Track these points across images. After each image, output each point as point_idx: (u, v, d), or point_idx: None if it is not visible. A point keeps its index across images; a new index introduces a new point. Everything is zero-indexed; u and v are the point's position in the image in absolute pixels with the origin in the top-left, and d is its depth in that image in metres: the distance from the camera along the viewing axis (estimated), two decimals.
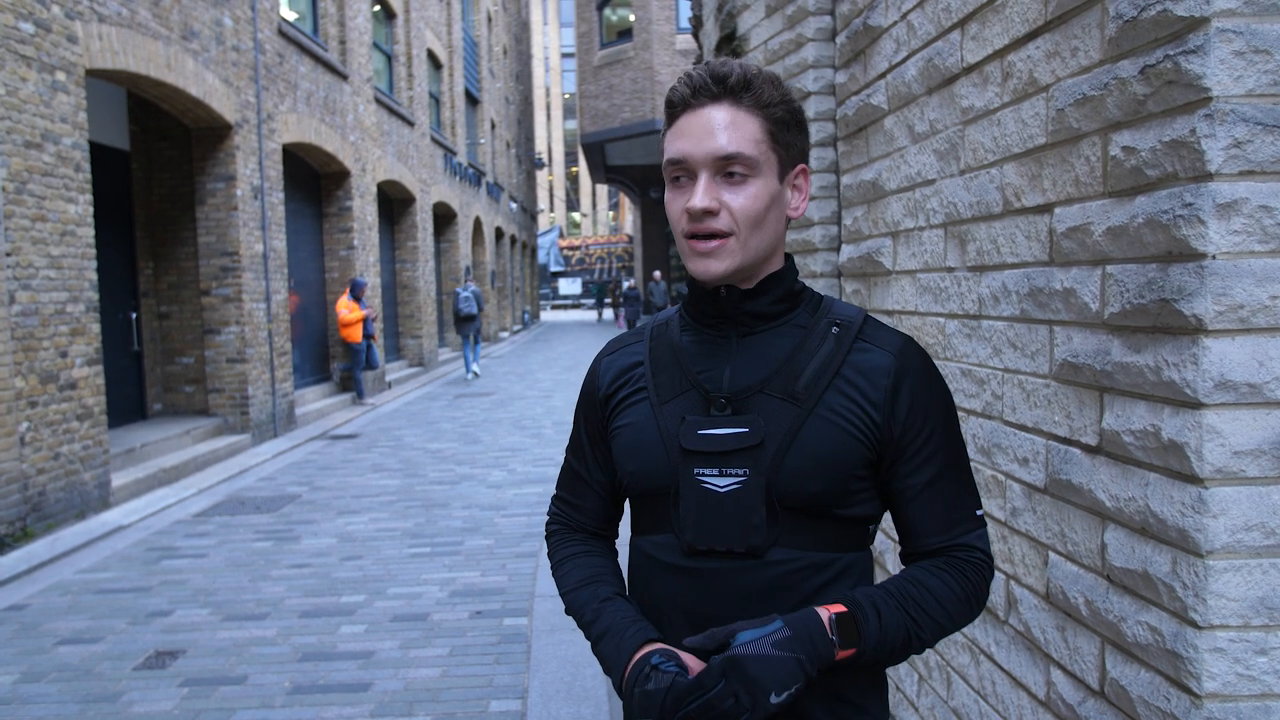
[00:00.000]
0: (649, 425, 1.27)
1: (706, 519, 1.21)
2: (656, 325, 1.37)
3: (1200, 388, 1.27)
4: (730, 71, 1.20)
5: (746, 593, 1.20)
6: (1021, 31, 1.69)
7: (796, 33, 3.59)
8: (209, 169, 9.86)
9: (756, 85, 1.20)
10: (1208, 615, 1.29)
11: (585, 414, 1.41)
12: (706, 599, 1.21)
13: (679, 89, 1.22)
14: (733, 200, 1.19)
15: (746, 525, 1.20)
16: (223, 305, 9.90)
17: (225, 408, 9.97)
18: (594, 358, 1.44)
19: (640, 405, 1.30)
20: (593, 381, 1.40)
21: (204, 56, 9.20)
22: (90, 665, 4.25)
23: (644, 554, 1.30)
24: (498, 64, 30.46)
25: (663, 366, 1.30)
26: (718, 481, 1.21)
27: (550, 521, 1.49)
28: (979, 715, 1.98)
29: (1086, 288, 1.52)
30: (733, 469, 1.20)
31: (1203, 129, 1.26)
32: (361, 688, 3.94)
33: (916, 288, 2.22)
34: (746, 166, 1.19)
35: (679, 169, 1.21)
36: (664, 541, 1.26)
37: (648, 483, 1.26)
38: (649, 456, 1.26)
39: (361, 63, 14.54)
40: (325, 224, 13.97)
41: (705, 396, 1.24)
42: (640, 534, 1.32)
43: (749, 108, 1.20)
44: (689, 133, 1.20)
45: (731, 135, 1.18)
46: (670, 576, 1.25)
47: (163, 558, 6.07)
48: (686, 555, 1.23)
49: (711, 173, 1.19)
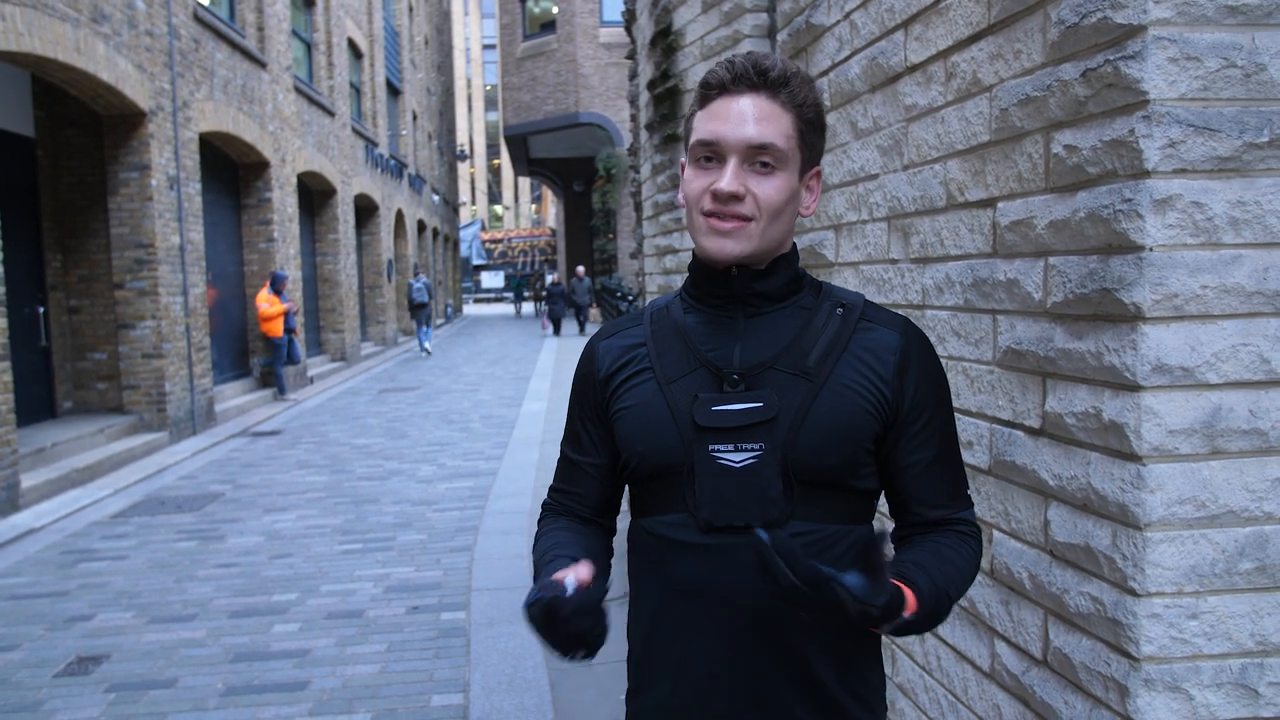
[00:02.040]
0: (657, 404, 1.27)
1: (723, 495, 1.22)
2: (656, 309, 1.37)
3: (1139, 371, 1.36)
4: (773, 65, 1.22)
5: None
6: (965, 34, 1.77)
7: (733, 29, 3.65)
8: (121, 158, 9.49)
9: (794, 83, 1.23)
10: (1146, 584, 1.38)
11: (582, 398, 1.40)
12: (725, 575, 1.23)
13: (718, 73, 1.23)
14: (758, 188, 1.21)
15: (764, 499, 1.22)
16: (137, 299, 9.56)
17: (141, 405, 9.63)
18: (588, 342, 1.43)
19: (645, 385, 1.30)
20: (590, 364, 1.39)
21: (115, 40, 8.85)
22: (6, 674, 4.09)
23: (654, 534, 1.29)
24: (419, 54, 29.98)
25: (667, 347, 1.31)
26: (733, 457, 1.22)
27: (544, 506, 1.48)
28: (924, 689, 2.06)
29: (1030, 278, 1.60)
30: (748, 444, 1.22)
31: (1140, 129, 1.34)
32: (298, 686, 3.88)
33: (860, 279, 2.30)
34: (775, 159, 1.21)
35: (708, 150, 1.22)
36: (678, 520, 1.26)
37: (659, 462, 1.26)
38: (660, 435, 1.26)
39: (280, 50, 14.17)
40: (244, 215, 13.59)
41: (716, 374, 1.25)
42: (648, 515, 1.31)
43: (784, 103, 1.22)
44: (724, 116, 1.21)
45: (767, 126, 1.21)
46: (686, 555, 1.25)
47: (80, 560, 5.86)
48: (703, 532, 1.24)
49: (740, 159, 1.21)
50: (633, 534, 1.36)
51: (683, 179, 1.29)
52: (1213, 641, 1.39)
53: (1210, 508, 1.37)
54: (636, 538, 1.35)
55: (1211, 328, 1.35)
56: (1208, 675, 1.39)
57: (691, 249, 1.52)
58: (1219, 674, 1.40)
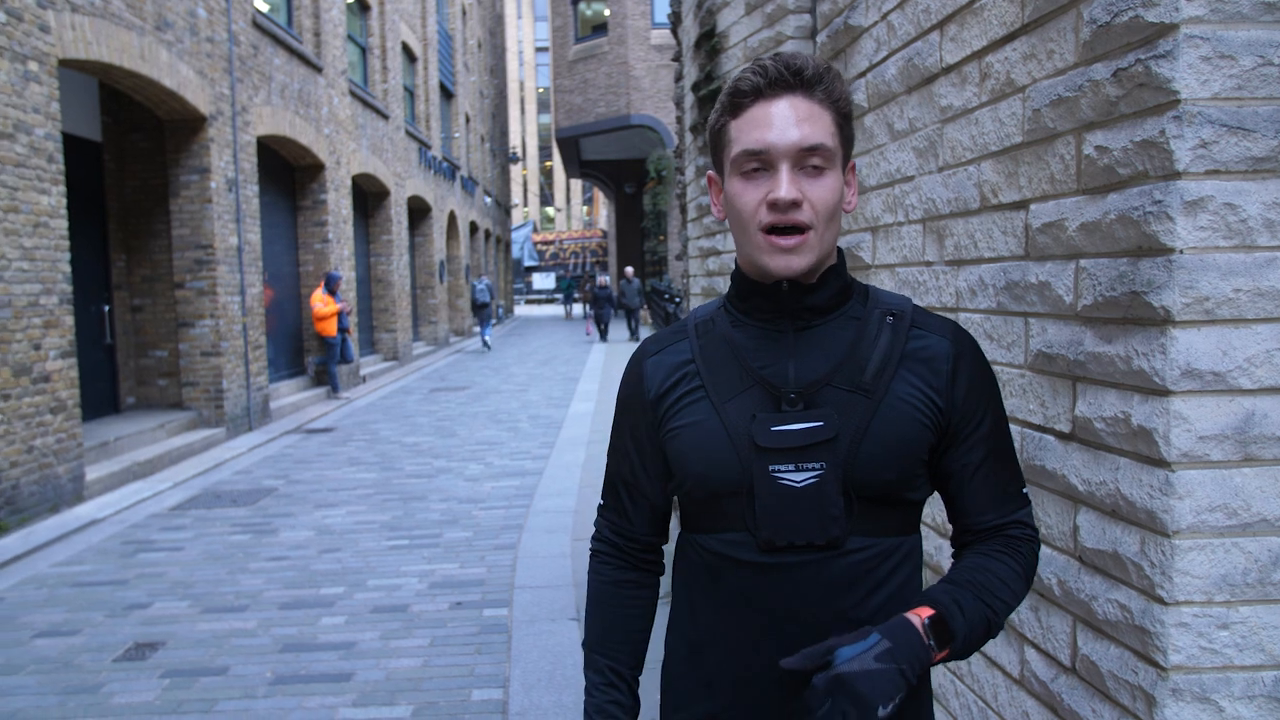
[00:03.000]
0: (713, 425, 1.24)
1: (785, 515, 1.20)
2: (700, 321, 1.34)
3: (1168, 376, 1.34)
4: (805, 64, 1.19)
5: (826, 584, 1.21)
6: (999, 34, 1.76)
7: (776, 30, 3.65)
8: (183, 161, 9.77)
9: (828, 79, 1.20)
10: (1174, 592, 1.36)
11: (632, 417, 1.36)
12: (785, 593, 1.21)
13: (751, 79, 1.20)
14: (812, 192, 1.18)
15: (825, 518, 1.20)
16: (197, 298, 9.83)
17: (200, 401, 9.90)
18: (632, 358, 1.39)
19: (699, 404, 1.27)
20: (638, 383, 1.35)
21: (178, 48, 9.12)
22: (69, 657, 4.24)
23: (712, 552, 1.27)
24: (472, 57, 30.33)
25: (717, 364, 1.28)
26: (794, 477, 1.20)
27: (596, 538, 1.45)
28: (955, 695, 2.05)
29: (1061, 281, 1.58)
30: (809, 464, 1.20)
31: (1171, 130, 1.32)
32: (343, 677, 3.96)
33: (896, 281, 2.29)
34: (825, 158, 1.19)
35: (756, 159, 1.19)
36: (737, 539, 1.24)
37: (717, 483, 1.24)
38: (718, 456, 1.23)
39: (336, 55, 14.45)
40: (300, 217, 13.88)
41: (772, 393, 1.23)
42: (704, 531, 1.29)
43: (822, 100, 1.20)
44: (767, 122, 1.18)
45: (812, 127, 1.18)
46: (746, 573, 1.23)
47: (139, 551, 6.04)
48: (763, 551, 1.22)
49: (792, 164, 1.18)
50: (684, 547, 1.34)
51: (726, 193, 1.25)
52: (1244, 653, 1.37)
53: (1242, 516, 1.35)
54: (689, 551, 1.32)
55: (1245, 332, 1.32)
56: (1239, 687, 1.37)
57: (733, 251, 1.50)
58: (1251, 686, 1.37)
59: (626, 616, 1.40)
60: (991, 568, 1.23)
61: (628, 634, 1.40)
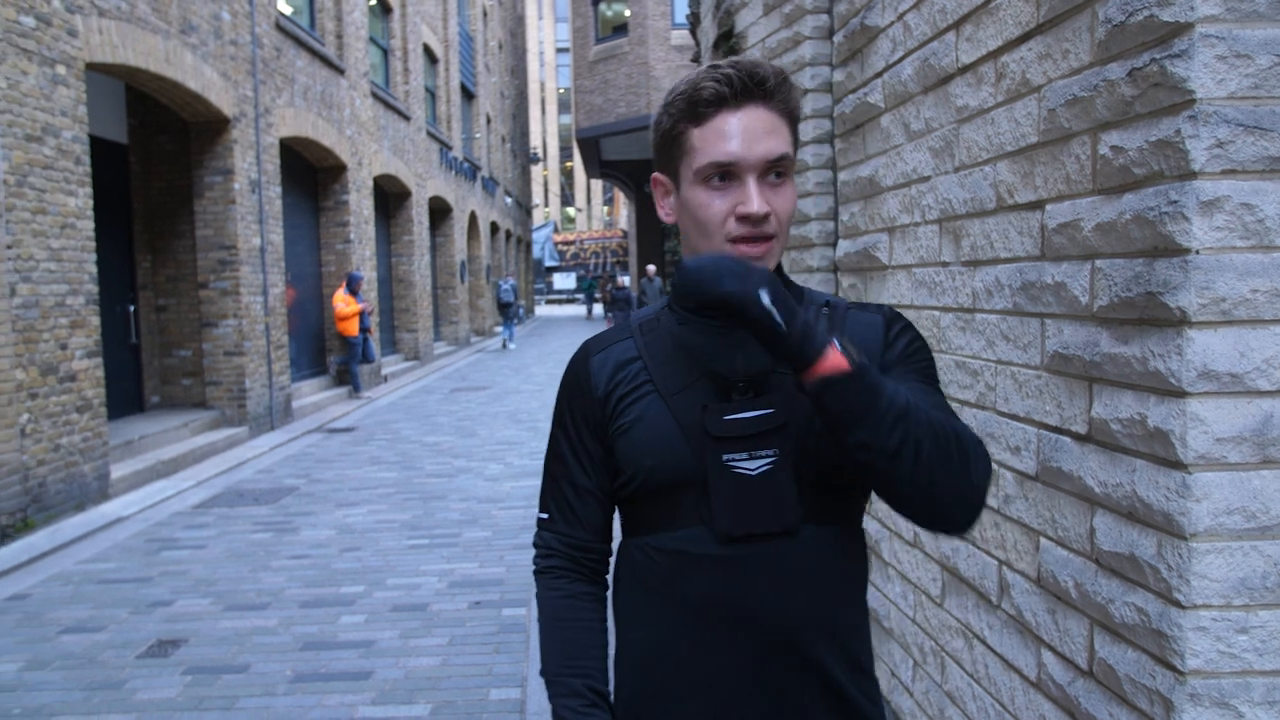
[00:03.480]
0: (662, 417, 1.25)
1: (741, 504, 1.21)
2: (644, 321, 1.34)
3: (1184, 377, 1.33)
4: (767, 73, 1.20)
5: (784, 574, 1.22)
6: (1015, 34, 1.75)
7: (794, 31, 3.64)
8: (207, 163, 9.88)
9: (786, 88, 1.21)
10: (1191, 595, 1.34)
11: (577, 417, 1.35)
12: (745, 585, 1.22)
13: (713, 87, 1.19)
14: (776, 202, 1.20)
15: (781, 504, 1.21)
16: (220, 298, 9.93)
17: (223, 400, 10.00)
18: (574, 358, 1.38)
19: (647, 399, 1.27)
20: (585, 382, 1.34)
21: (202, 50, 9.21)
22: (93, 654, 4.30)
23: (664, 551, 1.26)
24: (493, 58, 30.44)
25: (663, 360, 1.28)
26: (748, 465, 1.21)
27: (544, 554, 1.39)
28: (973, 698, 2.04)
29: (1076, 281, 1.57)
30: (762, 451, 1.21)
31: (1187, 130, 1.31)
32: (362, 676, 3.99)
33: (912, 282, 2.28)
34: (786, 169, 1.20)
35: (722, 170, 1.20)
36: (692, 535, 1.23)
37: (669, 476, 1.24)
38: (669, 449, 1.23)
39: (358, 57, 14.55)
40: (322, 218, 13.99)
41: (721, 383, 1.24)
42: (656, 532, 1.28)
43: (780, 110, 1.21)
44: (733, 133, 1.18)
45: (778, 139, 1.19)
46: (703, 569, 1.23)
47: (163, 549, 6.11)
48: (722, 543, 1.22)
49: (758, 175, 1.19)
50: (630, 555, 1.32)
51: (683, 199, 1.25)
52: (1264, 658, 1.35)
53: (1261, 519, 1.33)
54: (638, 557, 1.30)
55: (1262, 333, 1.31)
56: (1259, 692, 1.35)
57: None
58: (1271, 691, 1.35)
59: (591, 631, 1.36)
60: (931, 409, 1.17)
61: (597, 650, 1.36)
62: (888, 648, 2.50)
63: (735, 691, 1.24)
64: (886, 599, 2.48)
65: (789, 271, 3.79)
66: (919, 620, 2.28)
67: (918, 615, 2.28)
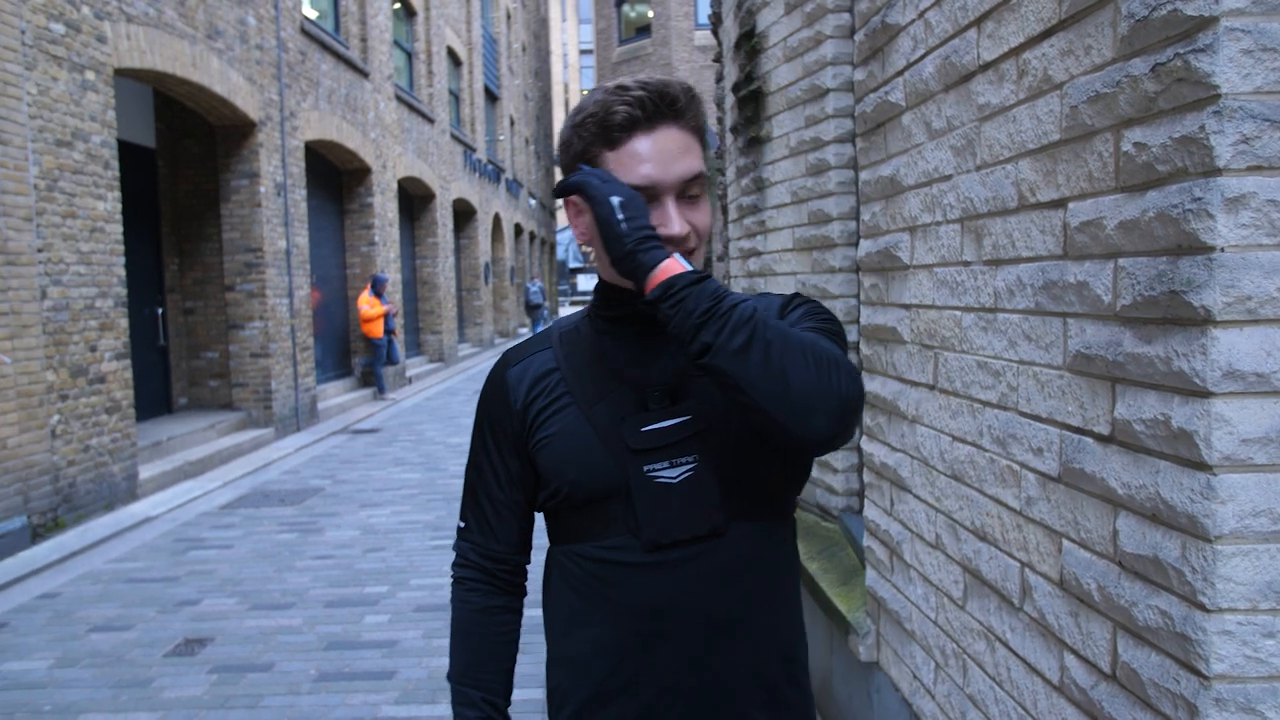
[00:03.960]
0: (582, 430, 1.25)
1: (665, 512, 1.21)
2: (564, 331, 1.34)
3: (1209, 377, 1.30)
4: (676, 94, 1.20)
5: (715, 573, 1.23)
6: (1036, 30, 1.73)
7: (815, 30, 3.63)
8: (233, 166, 9.99)
9: (695, 104, 1.22)
10: (1216, 599, 1.32)
11: (497, 430, 1.34)
12: (675, 587, 1.22)
13: (625, 110, 1.18)
14: (694, 218, 1.21)
15: (705, 508, 1.22)
16: (246, 301, 10.04)
17: (249, 402, 10.10)
18: (493, 370, 1.38)
19: (566, 412, 1.27)
20: (503, 394, 1.33)
21: (228, 55, 9.32)
22: (122, 652, 4.36)
23: (595, 560, 1.26)
24: (517, 61, 30.56)
25: (582, 369, 1.28)
26: (669, 474, 1.21)
27: (460, 563, 1.40)
28: (995, 701, 2.02)
29: (1099, 280, 1.55)
30: (682, 458, 1.21)
31: (1211, 125, 1.29)
32: (386, 675, 4.02)
33: (934, 282, 2.26)
34: (701, 185, 1.21)
35: (641, 194, 1.18)
36: (621, 543, 1.24)
37: (592, 488, 1.24)
38: (590, 461, 1.24)
39: (382, 60, 14.65)
40: (347, 220, 14.10)
41: (638, 392, 1.24)
42: (583, 541, 1.27)
43: (691, 127, 1.22)
44: (648, 156, 1.19)
45: (692, 158, 1.20)
46: (634, 576, 1.23)
47: (190, 548, 6.19)
48: (649, 551, 1.22)
49: (675, 195, 1.20)
50: (559, 563, 1.32)
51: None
52: None
53: None
54: (567, 565, 1.30)
55: None
56: None
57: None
58: None
59: (497, 644, 1.38)
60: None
61: (500, 664, 1.38)
62: (909, 650, 2.48)
63: (671, 690, 1.24)
64: (908, 601, 2.46)
65: (811, 272, 3.77)
66: (940, 622, 2.26)
67: (939, 617, 2.26)
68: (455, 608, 1.40)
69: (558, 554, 1.33)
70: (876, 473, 2.66)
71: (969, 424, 2.04)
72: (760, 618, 1.27)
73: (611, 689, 1.27)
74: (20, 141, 6.20)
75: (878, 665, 2.76)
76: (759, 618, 1.27)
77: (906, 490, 2.43)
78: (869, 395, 2.70)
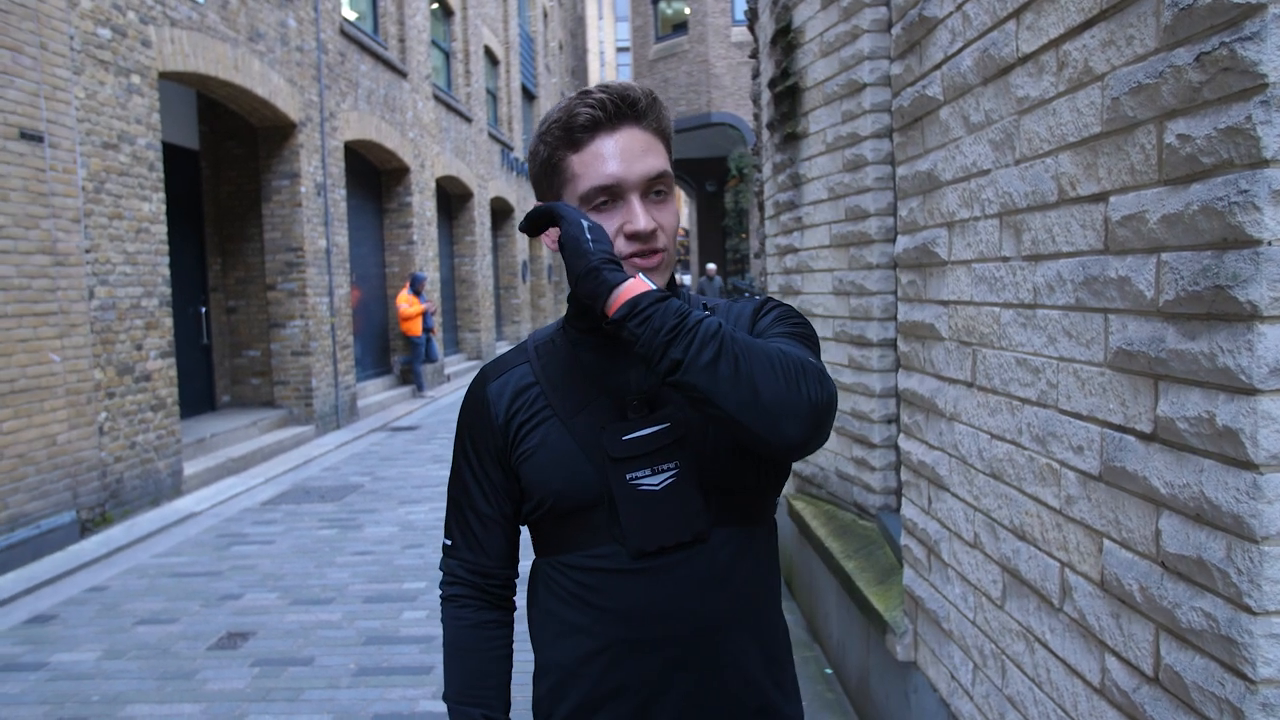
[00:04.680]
0: (564, 441, 1.26)
1: (649, 520, 1.22)
2: (540, 343, 1.36)
3: (1255, 374, 1.27)
4: (637, 95, 1.23)
5: (700, 578, 1.25)
6: (1077, 20, 1.70)
7: (852, 24, 3.60)
8: (274, 167, 10.13)
9: (657, 107, 1.24)
10: (1262, 601, 1.29)
11: (479, 446, 1.35)
12: (661, 593, 1.24)
13: (587, 112, 1.21)
14: (661, 217, 1.23)
15: (688, 515, 1.23)
16: (288, 300, 10.18)
17: (290, 400, 10.25)
18: (472, 386, 1.39)
19: (547, 424, 1.28)
20: (484, 410, 1.34)
21: (269, 57, 9.45)
22: (167, 644, 4.44)
23: (582, 569, 1.27)
24: (554, 59, 30.66)
25: (560, 381, 1.30)
26: (651, 481, 1.22)
27: (449, 581, 1.41)
28: (1034, 703, 1.99)
29: (1141, 275, 1.52)
30: (663, 465, 1.22)
31: (1258, 115, 1.26)
32: (424, 670, 4.06)
33: (972, 278, 2.23)
34: (667, 184, 1.23)
35: (606, 193, 1.21)
36: (607, 552, 1.25)
37: (577, 498, 1.25)
38: (573, 472, 1.25)
39: (420, 60, 14.78)
40: (385, 219, 14.25)
41: (618, 401, 1.25)
42: (570, 551, 1.29)
43: (654, 129, 1.24)
44: (612, 154, 1.21)
45: (655, 157, 1.22)
46: (620, 583, 1.25)
47: (233, 544, 6.29)
48: (635, 559, 1.24)
49: (640, 193, 1.21)
50: (546, 573, 1.33)
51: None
52: None
53: None
54: (552, 576, 1.31)
55: None
56: None
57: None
58: None
59: (493, 660, 1.39)
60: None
61: (498, 679, 1.39)
62: (947, 650, 2.45)
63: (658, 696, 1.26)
64: (946, 600, 2.43)
65: (849, 268, 3.74)
66: (979, 623, 2.23)
67: (978, 617, 2.24)
68: (447, 626, 1.41)
69: (543, 565, 1.34)
70: (914, 471, 2.63)
71: (1008, 422, 2.01)
72: (745, 619, 1.28)
73: (600, 695, 1.28)
74: (69, 145, 6.34)
75: (915, 665, 2.73)
76: (744, 620, 1.28)
77: (944, 488, 2.40)
78: (906, 392, 2.67)
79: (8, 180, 5.76)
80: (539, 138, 1.28)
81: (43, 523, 5.98)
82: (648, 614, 1.24)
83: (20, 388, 5.82)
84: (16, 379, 5.79)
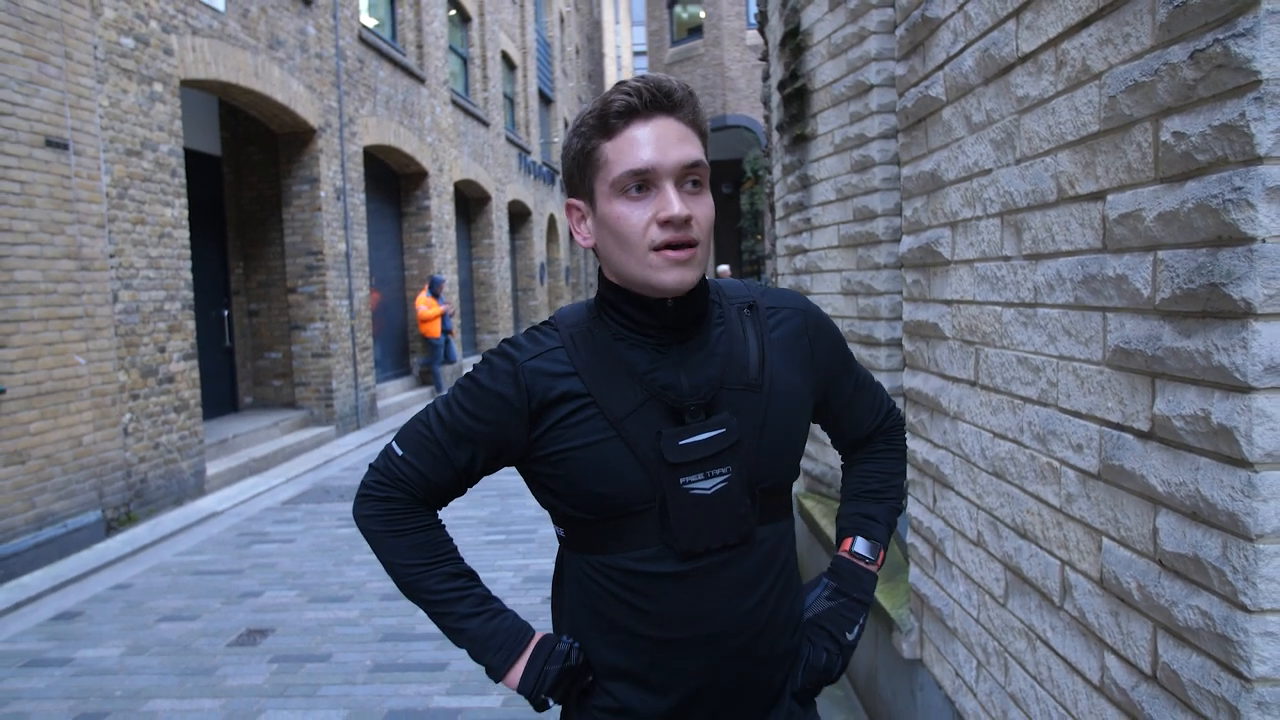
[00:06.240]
0: (613, 445, 1.23)
1: (700, 523, 1.23)
2: (575, 332, 1.30)
3: (1250, 372, 1.28)
4: (673, 87, 1.21)
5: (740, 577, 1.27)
6: (1075, 19, 1.70)
7: (859, 26, 3.60)
8: (294, 172, 10.23)
9: (694, 101, 1.24)
10: (1258, 599, 1.29)
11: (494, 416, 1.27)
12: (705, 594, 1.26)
13: (622, 99, 1.19)
14: (696, 209, 1.21)
15: (736, 517, 1.25)
16: (308, 302, 10.27)
17: (311, 401, 10.34)
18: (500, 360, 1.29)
19: (592, 423, 1.23)
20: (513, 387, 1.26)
21: (289, 64, 9.55)
22: (188, 641, 4.50)
23: (625, 570, 1.27)
24: (570, 63, 30.74)
25: (604, 378, 1.25)
26: (704, 485, 1.23)
27: (385, 481, 1.33)
28: (1036, 700, 1.99)
29: (1138, 274, 1.53)
30: (716, 470, 1.23)
31: (1252, 112, 1.26)
32: (438, 667, 4.09)
33: (974, 277, 2.23)
34: (702, 176, 1.22)
35: (639, 179, 1.19)
36: (653, 553, 1.25)
37: (624, 503, 1.24)
38: (624, 477, 1.23)
39: (438, 66, 14.87)
40: (404, 223, 14.34)
41: (672, 406, 1.24)
42: (609, 553, 1.27)
43: (689, 121, 1.23)
44: (647, 142, 1.18)
45: (690, 146, 1.21)
46: (664, 585, 1.25)
47: (253, 542, 6.36)
48: (683, 560, 1.24)
49: (675, 182, 1.19)
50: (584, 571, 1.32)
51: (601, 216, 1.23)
52: None
53: None
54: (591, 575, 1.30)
55: None
56: None
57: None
58: None
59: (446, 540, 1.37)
60: (877, 470, 1.52)
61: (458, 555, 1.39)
62: (952, 648, 2.45)
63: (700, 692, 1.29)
64: (951, 598, 2.44)
65: (857, 269, 3.75)
66: (982, 620, 2.23)
67: (981, 615, 2.24)
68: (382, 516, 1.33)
69: (580, 563, 1.32)
70: (919, 469, 2.64)
71: (1009, 420, 2.02)
72: (779, 611, 1.32)
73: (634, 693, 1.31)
74: (93, 152, 6.44)
75: (921, 662, 2.74)
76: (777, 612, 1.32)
77: (948, 487, 2.40)
78: (911, 391, 2.68)
79: (34, 187, 5.86)
80: (573, 132, 1.25)
81: (69, 522, 6.07)
82: (692, 615, 1.26)
83: (47, 390, 5.92)
84: (43, 381, 5.89)
